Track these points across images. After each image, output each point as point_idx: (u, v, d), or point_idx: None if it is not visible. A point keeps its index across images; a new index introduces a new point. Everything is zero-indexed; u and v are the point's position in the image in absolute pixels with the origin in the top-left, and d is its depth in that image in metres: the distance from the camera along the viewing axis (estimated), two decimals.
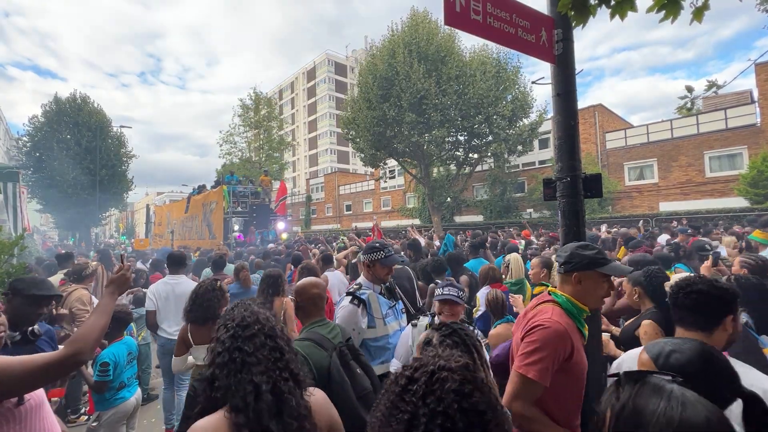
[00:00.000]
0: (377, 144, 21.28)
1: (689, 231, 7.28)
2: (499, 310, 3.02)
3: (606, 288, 1.65)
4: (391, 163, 25.51)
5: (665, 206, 19.47)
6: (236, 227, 14.96)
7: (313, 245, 10.21)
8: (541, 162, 25.02)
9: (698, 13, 2.18)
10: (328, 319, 2.09)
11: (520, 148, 20.85)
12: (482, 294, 3.45)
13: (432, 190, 22.84)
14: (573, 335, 1.58)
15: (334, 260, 5.21)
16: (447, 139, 20.54)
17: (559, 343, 1.54)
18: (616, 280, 3.04)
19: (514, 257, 4.21)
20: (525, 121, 20.66)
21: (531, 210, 23.74)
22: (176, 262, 4.33)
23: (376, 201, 37.07)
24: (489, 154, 21.33)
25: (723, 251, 5.43)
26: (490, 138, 20.25)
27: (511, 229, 13.63)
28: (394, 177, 33.64)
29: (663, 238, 7.89)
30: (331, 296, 3.88)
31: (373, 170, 30.17)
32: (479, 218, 25.54)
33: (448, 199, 24.66)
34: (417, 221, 29.29)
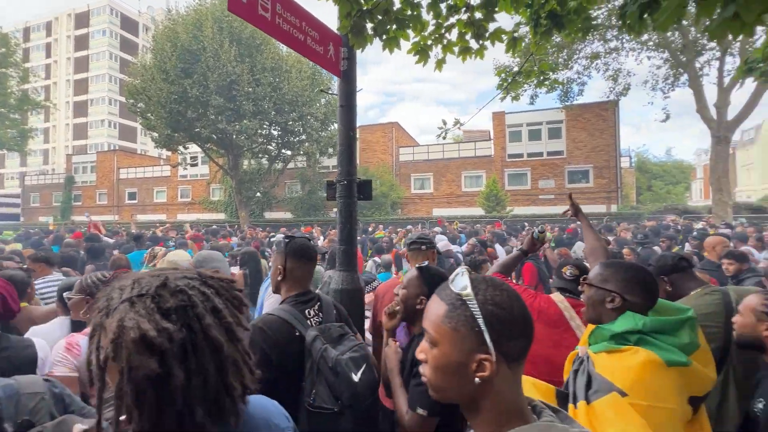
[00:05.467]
0: (175, 124, 18.41)
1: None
2: None
3: None
4: (194, 149, 22.52)
5: (436, 212, 24.60)
6: None
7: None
8: None
9: (439, 64, 2.90)
10: None
11: (330, 150, 22.10)
12: None
13: (240, 183, 21.46)
14: None
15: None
16: (259, 131, 19.74)
17: None
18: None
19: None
20: (336, 125, 22.06)
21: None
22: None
23: (171, 190, 31.87)
24: (301, 152, 21.71)
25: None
26: (303, 137, 20.63)
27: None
28: (196, 165, 29.65)
29: None
30: None
31: (169, 154, 25.81)
32: (288, 215, 25.66)
33: (258, 194, 23.72)
34: (222, 216, 26.89)
